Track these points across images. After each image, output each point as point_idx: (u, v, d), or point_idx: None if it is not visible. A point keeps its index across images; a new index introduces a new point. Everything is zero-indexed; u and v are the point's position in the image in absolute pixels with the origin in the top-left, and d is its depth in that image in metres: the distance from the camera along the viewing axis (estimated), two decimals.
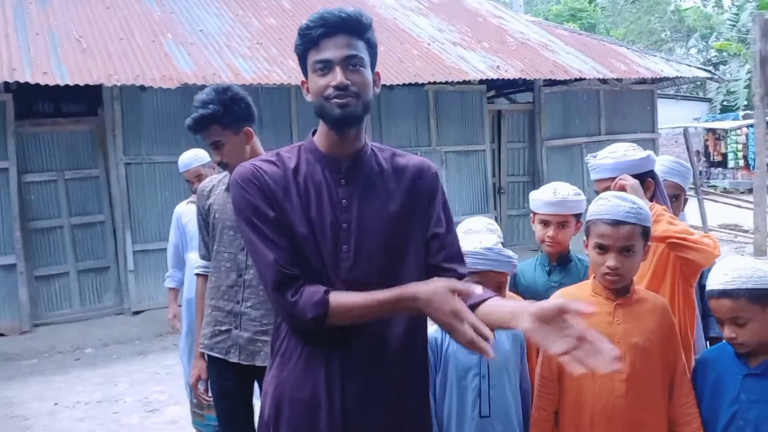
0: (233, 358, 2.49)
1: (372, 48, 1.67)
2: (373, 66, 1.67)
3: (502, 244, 2.26)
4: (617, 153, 2.39)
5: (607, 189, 2.30)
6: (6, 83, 6.53)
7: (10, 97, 6.76)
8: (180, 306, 4.22)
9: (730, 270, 1.92)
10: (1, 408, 5.18)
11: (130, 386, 5.51)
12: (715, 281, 1.94)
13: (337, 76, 1.58)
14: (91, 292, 7.34)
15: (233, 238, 2.49)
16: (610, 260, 1.96)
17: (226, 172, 2.68)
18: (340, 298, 1.54)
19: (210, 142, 2.49)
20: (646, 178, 2.35)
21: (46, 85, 6.34)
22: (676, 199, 2.61)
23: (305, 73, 1.67)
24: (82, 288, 7.27)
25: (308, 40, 1.61)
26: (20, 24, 7.35)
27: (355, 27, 1.62)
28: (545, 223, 2.53)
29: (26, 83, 6.34)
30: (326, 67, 1.59)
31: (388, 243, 1.66)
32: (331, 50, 1.59)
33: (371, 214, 1.65)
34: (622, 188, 2.26)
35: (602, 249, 1.98)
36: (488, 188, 9.21)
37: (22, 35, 7.12)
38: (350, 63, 1.60)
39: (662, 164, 2.64)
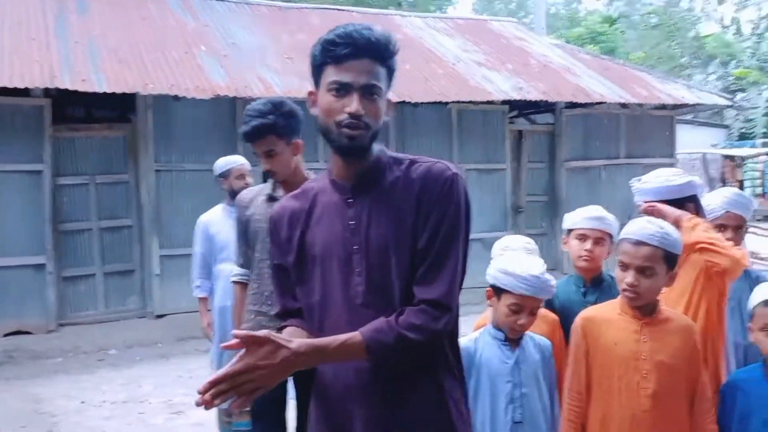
0: None
1: (391, 74, 1.59)
2: (387, 92, 1.59)
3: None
4: (661, 177, 2.47)
5: None
6: (46, 89, 6.73)
7: (49, 103, 6.95)
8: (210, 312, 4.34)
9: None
10: (29, 404, 5.31)
11: (155, 388, 5.61)
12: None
13: (354, 104, 1.49)
14: (116, 294, 7.48)
15: None
16: (629, 277, 2.06)
17: (264, 184, 2.81)
18: None
19: (262, 151, 2.59)
20: (687, 203, 2.43)
21: (82, 91, 6.54)
22: (739, 230, 2.66)
23: (316, 83, 1.59)
24: (107, 290, 7.42)
25: (330, 55, 1.52)
26: (61, 33, 7.58)
27: (381, 52, 1.53)
28: (582, 238, 2.58)
29: (63, 89, 6.54)
30: (344, 89, 1.51)
31: (400, 265, 1.53)
32: (352, 74, 1.50)
33: (381, 233, 1.54)
34: (650, 212, 2.35)
35: (624, 266, 2.09)
36: (507, 207, 9.30)
37: (63, 44, 7.35)
38: (369, 91, 1.52)
39: (725, 196, 2.69)
